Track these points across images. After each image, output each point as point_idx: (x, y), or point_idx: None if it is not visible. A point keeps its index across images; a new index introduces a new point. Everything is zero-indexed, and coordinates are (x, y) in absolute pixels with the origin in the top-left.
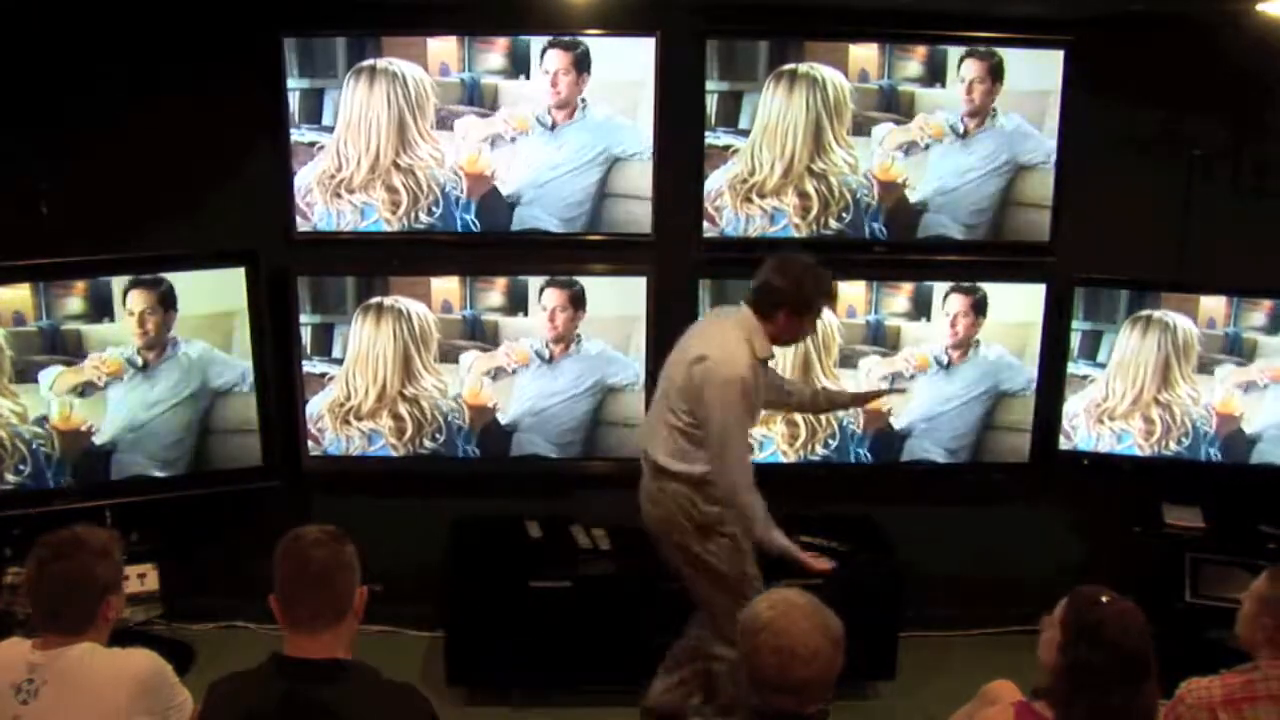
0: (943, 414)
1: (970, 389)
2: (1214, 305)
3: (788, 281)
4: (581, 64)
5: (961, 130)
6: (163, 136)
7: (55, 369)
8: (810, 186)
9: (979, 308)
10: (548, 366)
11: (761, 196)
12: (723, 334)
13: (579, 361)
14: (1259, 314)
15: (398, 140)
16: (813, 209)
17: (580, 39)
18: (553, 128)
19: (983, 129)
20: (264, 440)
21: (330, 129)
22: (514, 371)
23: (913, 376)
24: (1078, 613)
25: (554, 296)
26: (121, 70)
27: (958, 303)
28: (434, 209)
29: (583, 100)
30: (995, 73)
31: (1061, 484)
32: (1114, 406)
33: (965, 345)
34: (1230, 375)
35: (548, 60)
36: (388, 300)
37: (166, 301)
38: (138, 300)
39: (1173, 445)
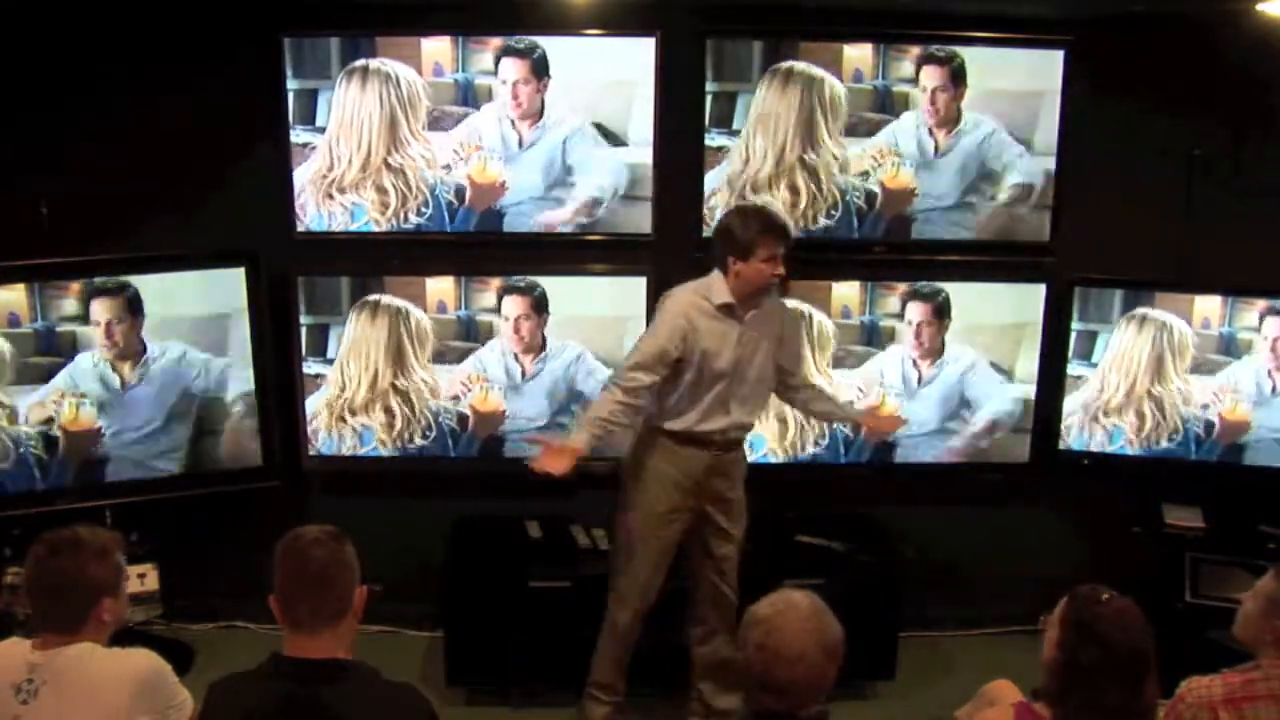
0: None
1: (938, 414)
2: (1209, 306)
3: (724, 226)
4: (540, 69)
5: (932, 148)
6: (162, 137)
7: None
8: (801, 181)
9: (942, 312)
10: (513, 390)
11: (755, 191)
12: (686, 283)
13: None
14: (1253, 314)
15: (389, 139)
16: (801, 204)
17: (536, 41)
18: (520, 144)
19: (952, 141)
20: (264, 440)
21: (323, 130)
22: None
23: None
24: (1076, 611)
25: (515, 304)
26: (121, 71)
27: (918, 311)
28: (423, 209)
29: (542, 105)
30: (957, 76)
31: (1061, 484)
32: (1109, 399)
33: (933, 355)
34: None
35: (504, 69)
36: (384, 299)
37: (133, 307)
38: (102, 309)
39: (1164, 442)
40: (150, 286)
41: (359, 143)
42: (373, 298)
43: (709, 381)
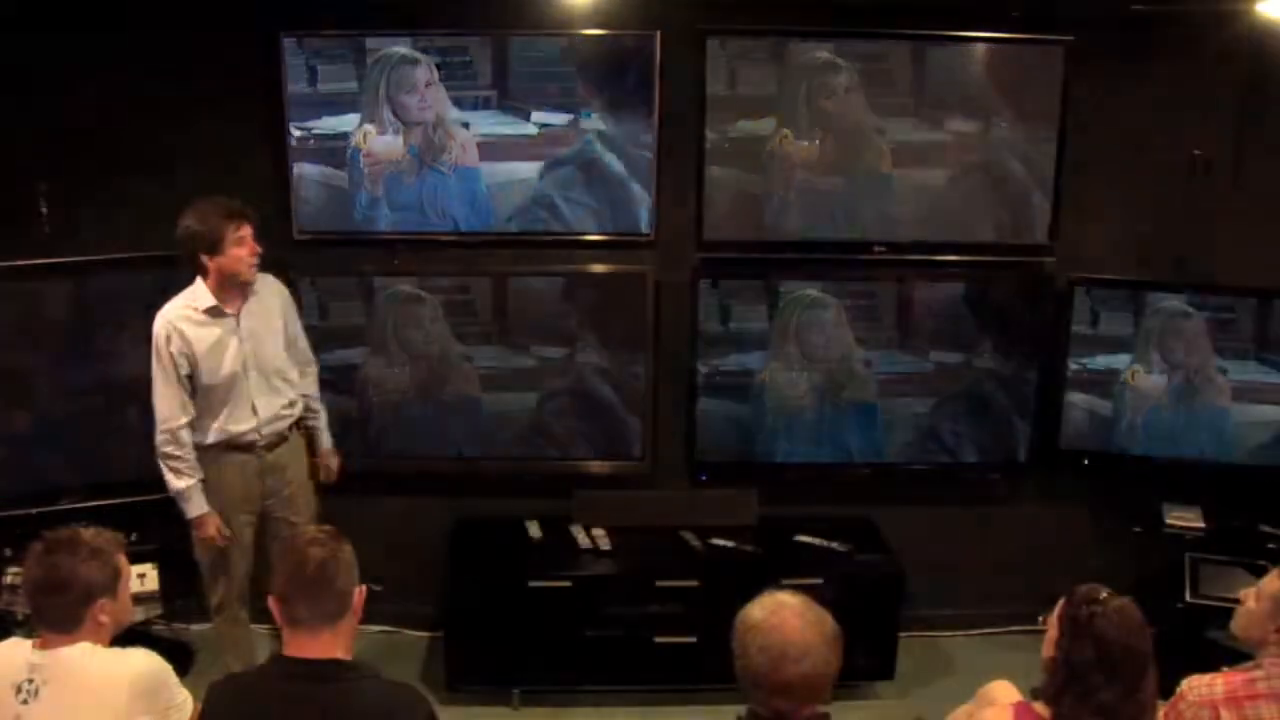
0: None
1: None
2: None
3: (185, 229)
4: None
5: None
6: (162, 137)
7: None
8: None
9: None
10: None
11: None
12: (173, 299)
13: None
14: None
15: None
16: None
17: None
18: None
19: None
20: None
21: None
22: None
23: None
24: (1073, 610)
25: None
26: (121, 70)
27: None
28: None
29: None
30: None
31: (1061, 484)
32: None
33: None
34: None
35: None
36: None
37: None
38: None
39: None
40: None
41: None
42: None
43: (223, 385)
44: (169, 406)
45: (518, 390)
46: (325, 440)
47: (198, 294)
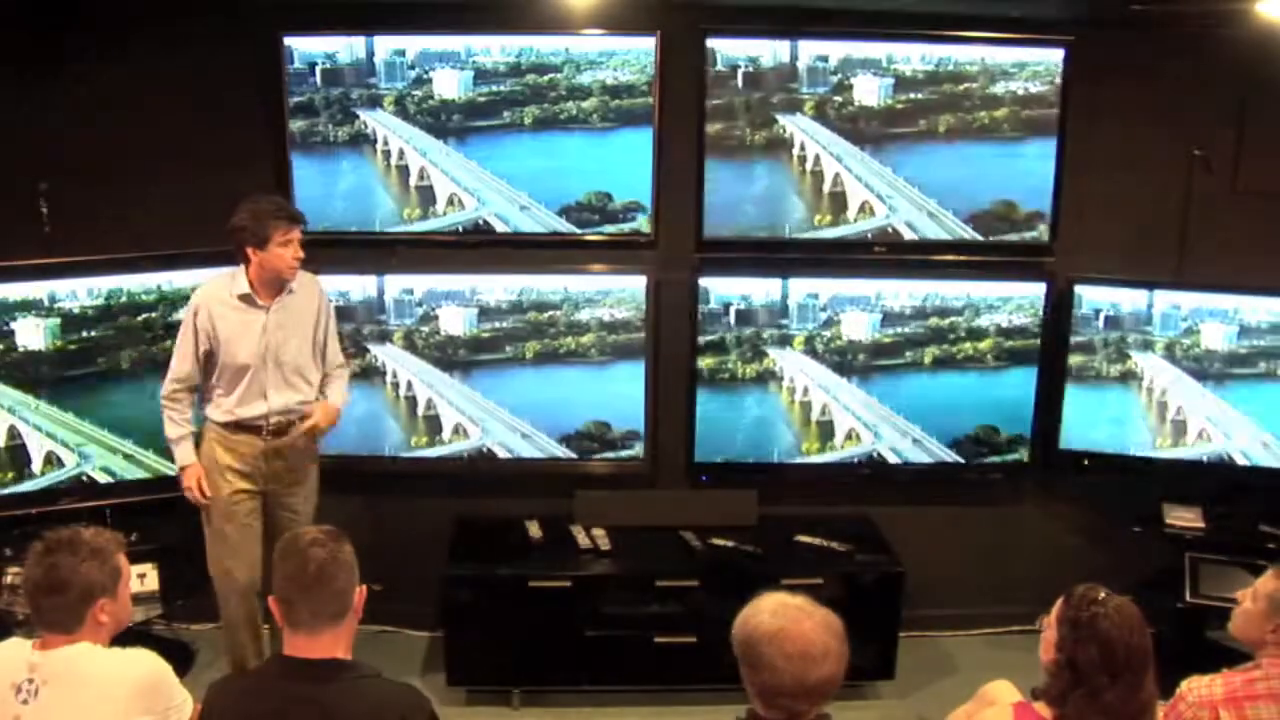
0: None
1: None
2: None
3: (238, 220)
4: None
5: None
6: (163, 136)
7: None
8: None
9: None
10: None
11: None
12: (215, 277)
13: None
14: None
15: None
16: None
17: None
18: None
19: None
20: None
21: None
22: None
23: None
24: (1073, 611)
25: None
26: (121, 71)
27: None
28: None
29: None
30: None
31: (1061, 484)
32: None
33: None
34: None
35: None
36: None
37: None
38: None
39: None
40: None
41: None
42: None
43: (238, 369)
44: (179, 366)
45: (518, 390)
46: (331, 398)
47: (236, 279)
